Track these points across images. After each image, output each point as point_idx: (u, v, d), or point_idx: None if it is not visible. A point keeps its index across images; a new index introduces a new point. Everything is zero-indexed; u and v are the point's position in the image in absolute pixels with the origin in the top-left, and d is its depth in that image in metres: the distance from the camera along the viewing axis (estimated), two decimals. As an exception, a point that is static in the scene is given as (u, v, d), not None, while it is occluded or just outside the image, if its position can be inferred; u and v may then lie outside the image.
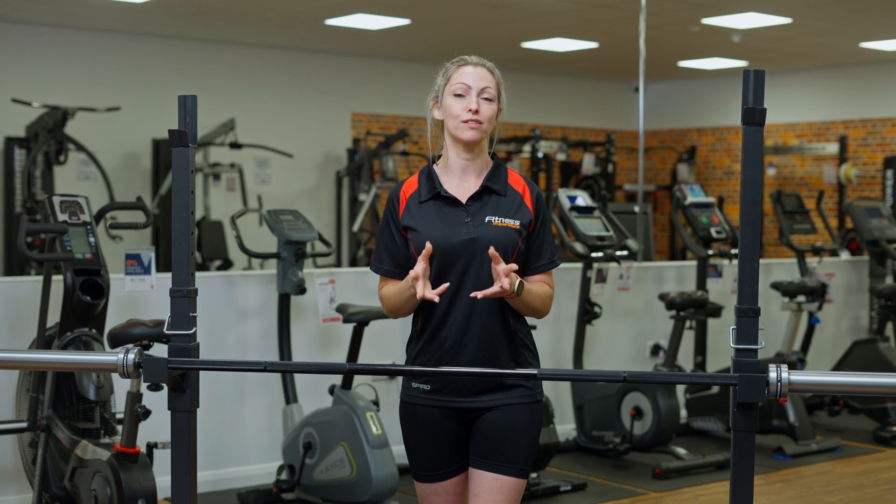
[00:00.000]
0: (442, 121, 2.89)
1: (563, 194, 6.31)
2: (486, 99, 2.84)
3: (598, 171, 12.23)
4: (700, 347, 6.82)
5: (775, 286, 6.98)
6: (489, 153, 2.93)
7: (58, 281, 4.68)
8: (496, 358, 2.84)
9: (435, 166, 2.92)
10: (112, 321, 4.66)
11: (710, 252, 6.83)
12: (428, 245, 2.72)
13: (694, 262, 7.05)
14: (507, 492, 2.83)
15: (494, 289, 2.70)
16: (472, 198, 2.85)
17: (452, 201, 2.85)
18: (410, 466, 2.95)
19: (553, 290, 2.94)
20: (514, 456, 2.83)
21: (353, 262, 10.63)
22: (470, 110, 2.81)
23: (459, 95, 2.83)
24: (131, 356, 2.65)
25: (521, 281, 2.76)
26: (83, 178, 10.46)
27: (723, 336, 7.14)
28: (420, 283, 2.70)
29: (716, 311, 6.41)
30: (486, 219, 2.83)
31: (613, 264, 6.52)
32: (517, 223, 2.84)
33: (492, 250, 2.70)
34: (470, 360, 2.81)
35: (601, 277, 6.33)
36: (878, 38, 10.95)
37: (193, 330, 2.68)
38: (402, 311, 2.88)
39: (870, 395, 4.92)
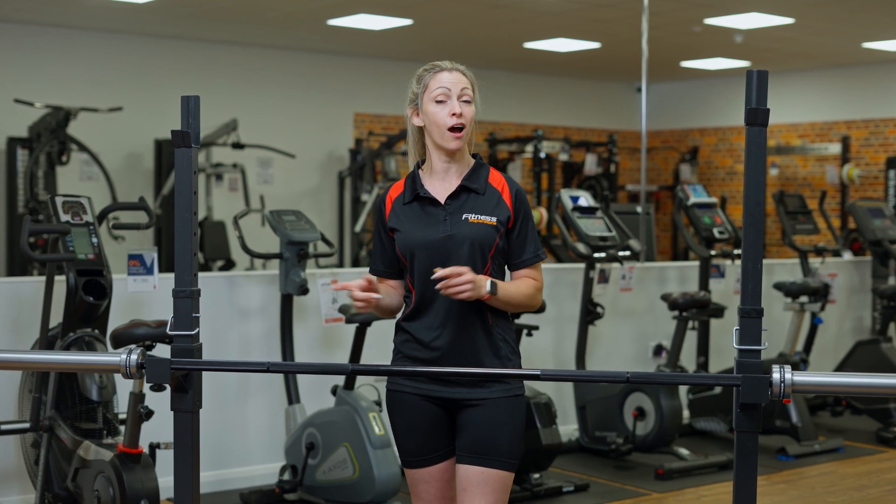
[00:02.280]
0: (421, 127, 2.98)
1: (565, 195, 6.31)
2: (466, 101, 2.93)
3: (601, 172, 12.23)
4: (703, 348, 6.82)
5: (778, 287, 6.98)
6: (471, 153, 3.02)
7: (60, 281, 4.68)
8: (475, 351, 2.92)
9: (420, 171, 3.02)
10: (115, 322, 4.66)
11: (713, 252, 6.82)
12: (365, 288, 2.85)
13: (696, 263, 7.04)
14: (494, 484, 2.89)
15: (447, 270, 2.80)
16: (451, 196, 2.96)
17: (432, 201, 2.96)
18: (399, 454, 3.04)
19: (541, 282, 3.02)
20: (500, 449, 2.90)
21: (356, 263, 10.63)
22: (454, 114, 2.89)
23: (441, 101, 2.92)
24: (134, 357, 2.65)
25: (492, 281, 2.86)
26: (86, 178, 10.46)
27: (725, 337, 7.14)
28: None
29: (718, 311, 6.41)
30: (464, 216, 2.93)
31: (616, 265, 6.51)
32: (494, 220, 2.93)
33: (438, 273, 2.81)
34: (448, 351, 2.91)
35: (604, 278, 6.32)
36: (881, 38, 10.95)
37: (196, 330, 2.68)
38: (381, 316, 3.08)
39: (872, 395, 4.92)
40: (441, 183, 2.97)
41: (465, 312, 2.91)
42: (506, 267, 3.03)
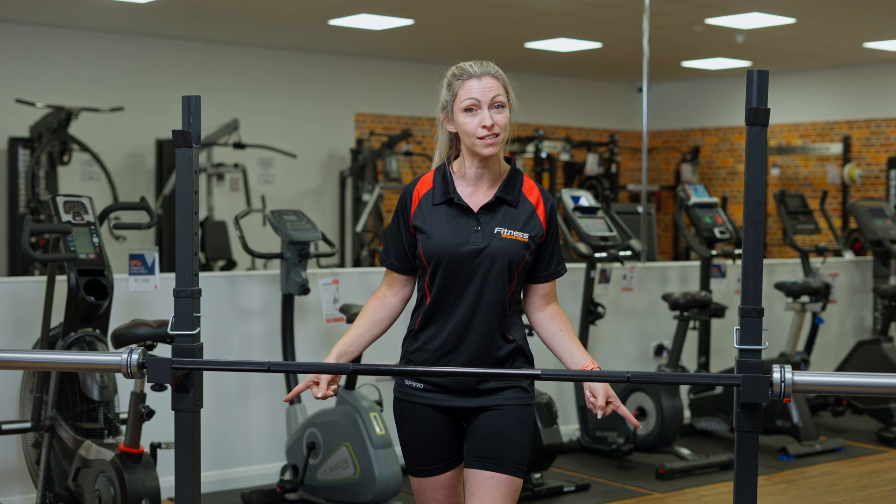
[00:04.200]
0: (456, 132, 2.86)
1: (566, 194, 6.31)
2: (498, 107, 2.81)
3: (602, 172, 12.23)
4: (704, 348, 6.82)
5: (779, 286, 6.98)
6: (505, 157, 2.92)
7: (61, 281, 4.69)
8: (491, 365, 2.87)
9: (451, 169, 2.91)
10: (116, 321, 4.66)
11: (714, 252, 6.82)
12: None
13: (697, 263, 7.04)
14: (504, 490, 2.85)
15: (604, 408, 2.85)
16: (485, 208, 2.85)
17: (465, 209, 2.85)
18: (405, 461, 2.99)
19: (556, 297, 3.01)
20: (510, 454, 2.86)
21: (357, 263, 10.63)
22: (485, 126, 2.78)
23: (470, 111, 2.80)
24: (135, 356, 2.66)
25: (593, 368, 2.89)
26: (87, 178, 10.47)
27: (726, 336, 7.14)
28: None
29: (719, 311, 6.41)
30: (496, 230, 2.83)
31: (617, 265, 6.52)
32: (526, 236, 2.85)
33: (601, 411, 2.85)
34: (465, 365, 2.84)
35: (605, 278, 6.33)
36: (882, 38, 10.95)
37: (197, 330, 2.68)
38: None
39: (873, 395, 4.92)
40: (474, 189, 2.86)
41: (487, 327, 2.84)
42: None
